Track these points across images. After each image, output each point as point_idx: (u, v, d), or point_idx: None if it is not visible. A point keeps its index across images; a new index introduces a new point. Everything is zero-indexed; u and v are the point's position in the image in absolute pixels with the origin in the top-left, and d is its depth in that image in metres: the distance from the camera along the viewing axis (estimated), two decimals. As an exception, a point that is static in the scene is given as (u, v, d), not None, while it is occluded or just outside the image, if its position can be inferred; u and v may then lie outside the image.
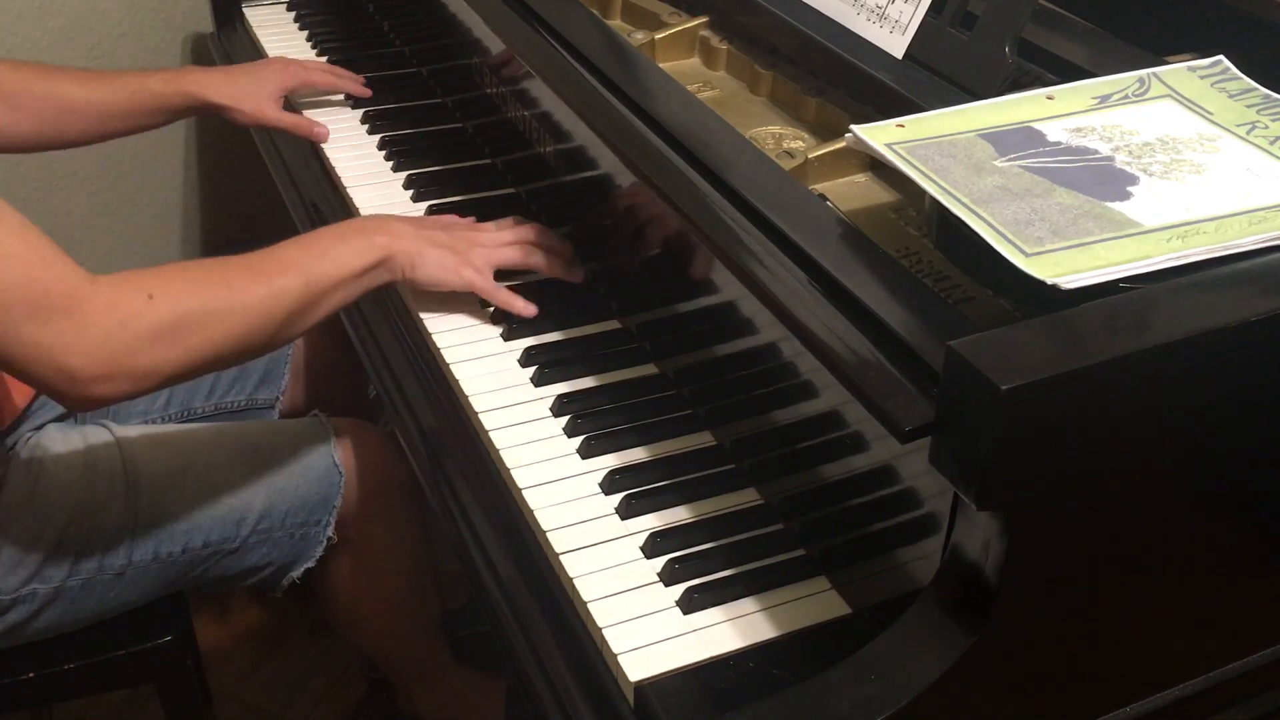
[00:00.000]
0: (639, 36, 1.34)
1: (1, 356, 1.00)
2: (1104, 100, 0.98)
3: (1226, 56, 1.03)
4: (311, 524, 1.37)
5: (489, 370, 1.21)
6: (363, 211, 1.46)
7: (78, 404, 1.05)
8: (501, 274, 1.28)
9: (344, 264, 1.17)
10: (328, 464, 1.38)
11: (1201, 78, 1.01)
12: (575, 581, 0.98)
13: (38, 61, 1.55)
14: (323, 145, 1.58)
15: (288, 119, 1.58)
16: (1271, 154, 0.92)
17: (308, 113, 1.63)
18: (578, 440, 1.12)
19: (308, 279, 1.14)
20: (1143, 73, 1.01)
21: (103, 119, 1.50)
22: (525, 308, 1.24)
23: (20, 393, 1.31)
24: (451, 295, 1.29)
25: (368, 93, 1.66)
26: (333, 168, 1.55)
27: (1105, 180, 0.89)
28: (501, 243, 1.27)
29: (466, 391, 1.18)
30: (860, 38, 1.15)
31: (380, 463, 1.42)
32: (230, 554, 1.33)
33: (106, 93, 1.49)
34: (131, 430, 1.36)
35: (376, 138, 1.60)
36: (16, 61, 1.48)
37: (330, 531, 1.38)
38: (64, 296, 1.00)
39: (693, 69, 1.33)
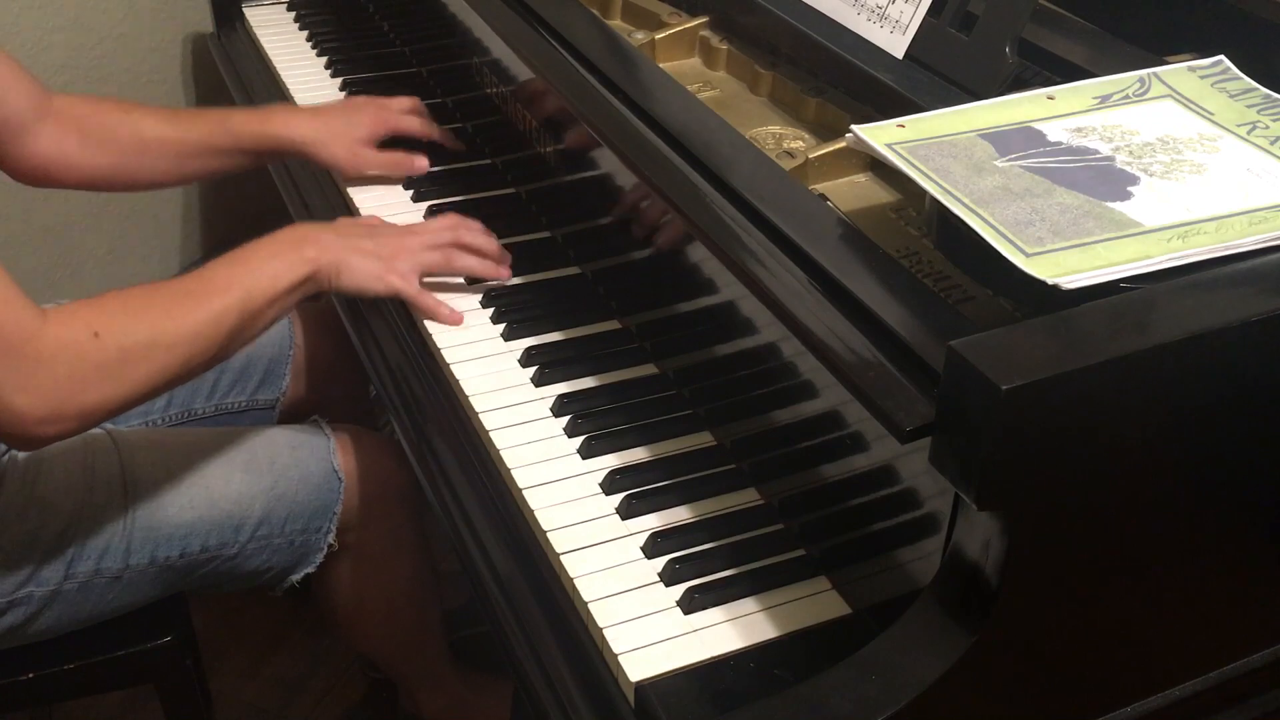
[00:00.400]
0: (639, 36, 1.34)
1: None
2: (1104, 100, 0.98)
3: (1226, 56, 1.03)
4: (312, 531, 1.37)
5: (489, 370, 1.21)
6: (363, 211, 1.46)
7: (21, 444, 1.07)
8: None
9: (276, 279, 1.18)
10: (327, 470, 1.38)
11: (1202, 78, 1.01)
12: (576, 581, 0.98)
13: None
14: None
15: (386, 160, 1.50)
16: (1272, 154, 0.92)
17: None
18: (578, 440, 1.12)
19: (243, 299, 1.15)
20: (1143, 73, 1.01)
21: (181, 158, 1.46)
22: (451, 316, 1.26)
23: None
24: (452, 294, 1.30)
25: (461, 146, 1.56)
26: (336, 178, 1.55)
27: (1106, 180, 0.89)
28: (427, 246, 1.28)
29: (467, 391, 1.18)
30: (860, 38, 1.15)
31: (380, 468, 1.42)
32: (229, 559, 1.33)
33: (184, 130, 1.46)
34: (130, 433, 1.36)
35: (376, 138, 1.59)
36: (97, 97, 1.47)
37: (331, 538, 1.38)
38: (18, 337, 1.00)
39: (693, 69, 1.33)
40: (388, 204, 1.47)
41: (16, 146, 1.36)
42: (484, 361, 1.22)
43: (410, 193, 1.49)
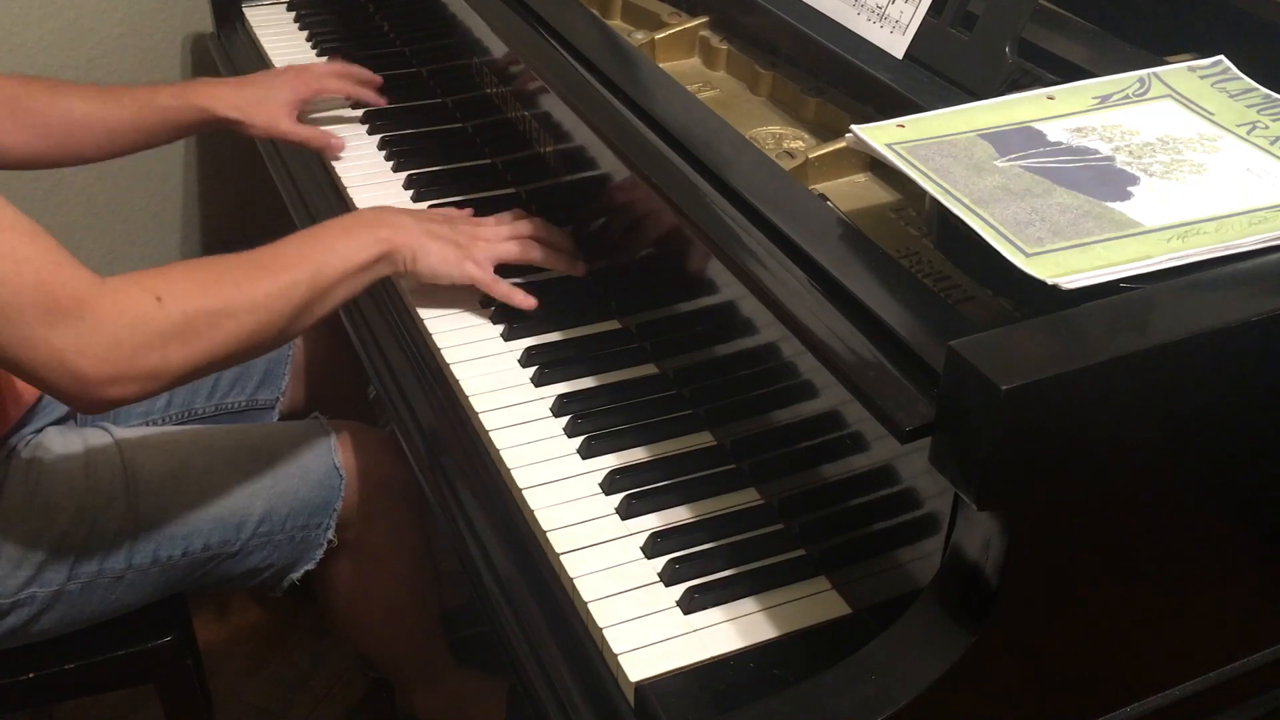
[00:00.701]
0: (639, 36, 1.34)
1: (13, 360, 1.01)
2: (1104, 100, 0.98)
3: (1226, 56, 1.03)
4: (312, 527, 1.37)
5: (489, 370, 1.21)
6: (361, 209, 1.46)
7: (89, 406, 1.06)
8: (505, 269, 1.28)
9: (349, 258, 1.18)
10: (328, 467, 1.38)
11: (1202, 78, 1.01)
12: (575, 581, 0.98)
13: (42, 71, 1.54)
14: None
15: (303, 132, 1.55)
16: (1272, 154, 0.92)
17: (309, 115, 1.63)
18: (578, 440, 1.12)
19: (314, 275, 1.15)
20: (1143, 73, 1.01)
21: (112, 135, 1.48)
22: (525, 300, 1.25)
23: (20, 396, 1.31)
24: (451, 294, 1.29)
25: (381, 101, 1.62)
26: (333, 167, 1.55)
27: (1105, 180, 0.89)
28: (503, 237, 1.28)
29: (467, 391, 1.18)
30: (860, 38, 1.15)
31: (380, 465, 1.42)
32: (230, 557, 1.33)
33: (114, 108, 1.47)
34: (131, 432, 1.36)
35: (376, 138, 1.60)
36: (26, 77, 1.47)
37: (331, 534, 1.38)
38: (74, 300, 1.01)
39: (693, 69, 1.33)
40: (388, 204, 1.47)
41: None
42: (484, 361, 1.22)
43: (410, 193, 1.49)
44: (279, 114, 1.54)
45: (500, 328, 1.26)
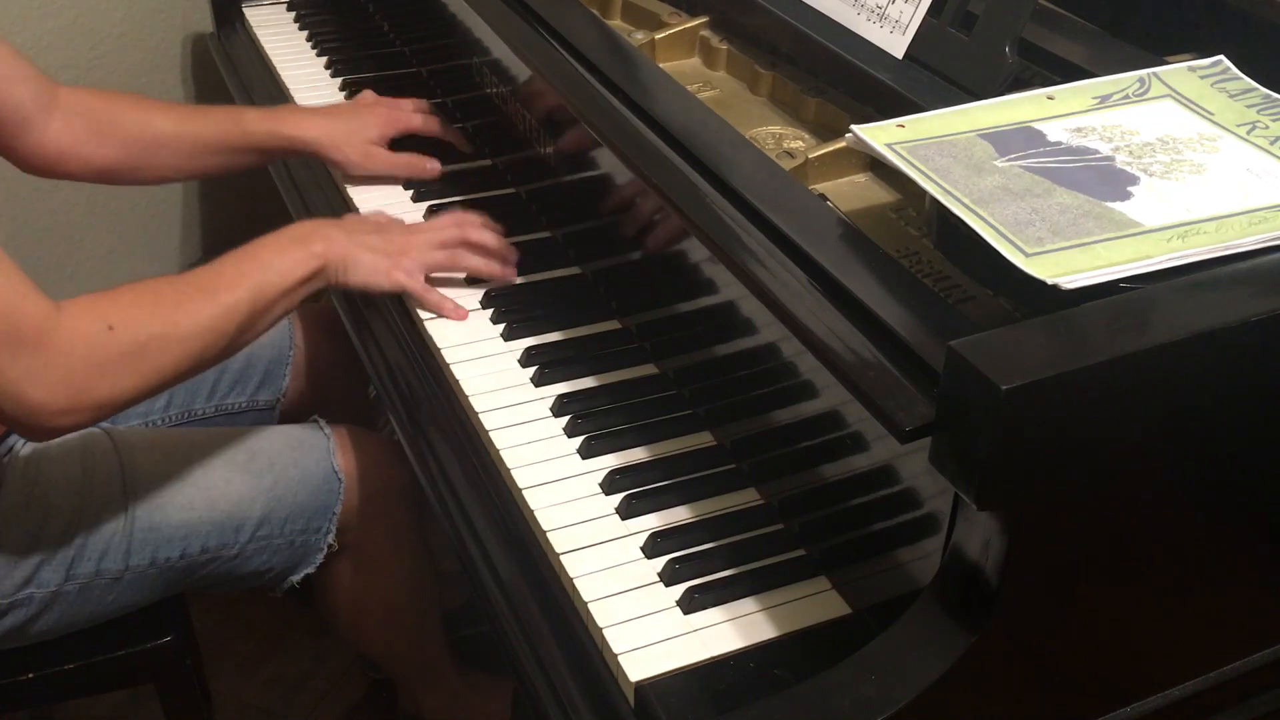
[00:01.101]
0: (639, 36, 1.34)
1: None
2: (1104, 100, 0.98)
3: (1226, 56, 1.03)
4: (312, 531, 1.37)
5: (489, 370, 1.21)
6: (362, 210, 1.46)
7: (36, 435, 1.08)
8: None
9: (286, 275, 1.20)
10: (327, 470, 1.38)
11: (1201, 78, 1.01)
12: (576, 581, 0.98)
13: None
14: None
15: (398, 161, 1.50)
16: (1272, 154, 0.92)
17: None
18: (578, 440, 1.12)
19: (254, 294, 1.17)
20: (1143, 73, 1.01)
21: (193, 155, 1.47)
22: (455, 311, 1.27)
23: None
24: (452, 294, 1.29)
25: (469, 147, 1.56)
26: (338, 175, 1.55)
27: (1105, 180, 0.89)
28: (433, 245, 1.29)
29: (467, 391, 1.18)
30: (860, 38, 1.15)
31: (380, 468, 1.42)
32: (229, 560, 1.33)
33: (197, 127, 1.46)
34: (130, 433, 1.36)
35: (376, 138, 1.59)
36: (109, 91, 1.47)
37: (331, 538, 1.38)
38: (33, 330, 1.01)
39: (693, 69, 1.33)
40: (388, 204, 1.47)
41: (23, 138, 1.37)
42: (484, 361, 1.22)
43: (410, 193, 1.49)
44: (370, 150, 1.50)
45: (500, 328, 1.26)
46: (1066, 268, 0.79)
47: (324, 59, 1.82)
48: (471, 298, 1.30)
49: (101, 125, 1.41)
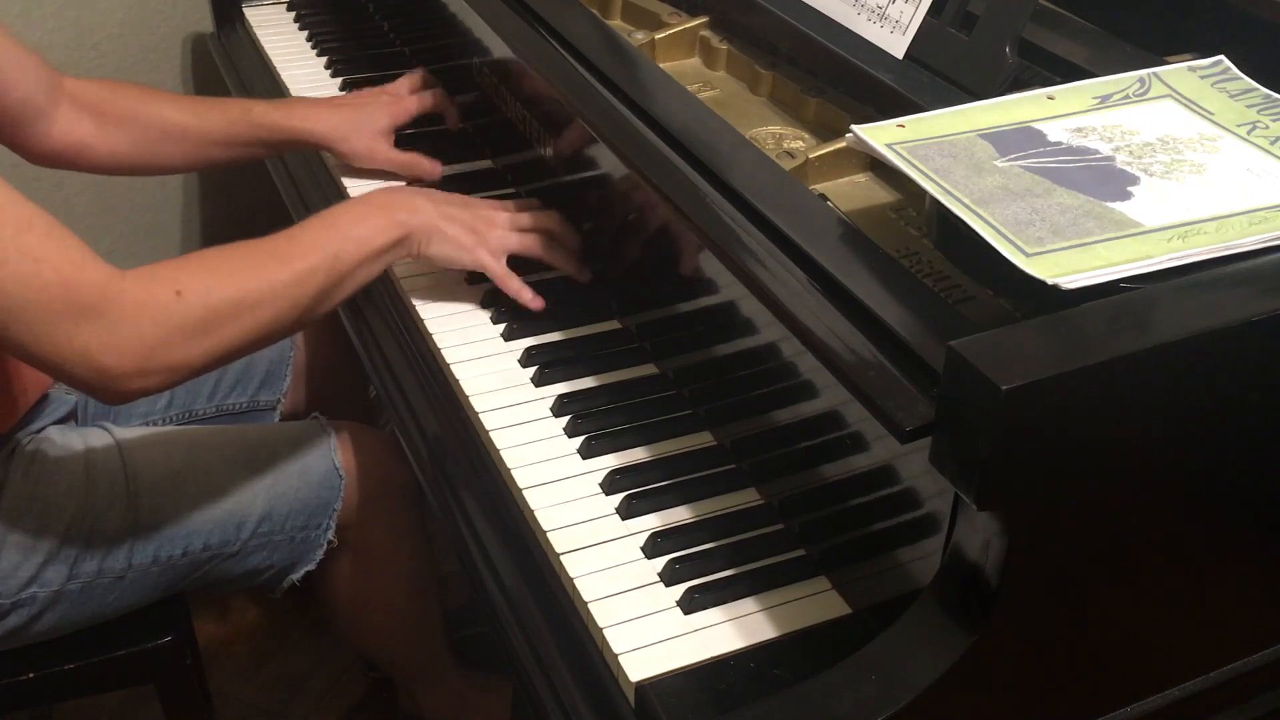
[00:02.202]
0: (639, 36, 1.34)
1: (39, 357, 1.02)
2: (1104, 100, 0.98)
3: (1226, 56, 1.03)
4: (312, 527, 1.37)
5: (489, 370, 1.21)
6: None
7: (114, 399, 1.07)
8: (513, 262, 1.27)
9: (366, 243, 1.18)
10: (328, 467, 1.38)
11: (1202, 78, 1.01)
12: (576, 581, 0.98)
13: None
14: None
15: (402, 159, 1.50)
16: (1272, 154, 0.92)
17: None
18: (578, 440, 1.12)
19: (331, 261, 1.15)
20: (1143, 73, 1.01)
21: (201, 146, 1.47)
22: (533, 300, 1.25)
23: (20, 396, 1.31)
24: (452, 294, 1.29)
25: (456, 122, 1.58)
26: (338, 173, 1.55)
27: (1106, 180, 0.89)
28: (519, 226, 1.27)
29: (467, 392, 1.18)
30: (860, 38, 1.15)
31: (380, 465, 1.42)
32: (230, 557, 1.33)
33: (206, 119, 1.46)
34: (132, 432, 1.36)
35: (377, 138, 1.59)
36: (116, 82, 1.47)
37: (331, 535, 1.38)
38: (96, 297, 1.02)
39: (693, 69, 1.33)
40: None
41: (32, 131, 1.36)
42: (484, 361, 1.22)
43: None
44: (378, 142, 1.50)
45: (500, 328, 1.26)
46: (1067, 268, 0.79)
47: (324, 59, 1.82)
48: (471, 298, 1.30)
49: (109, 117, 1.41)
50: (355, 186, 1.51)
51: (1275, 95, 0.99)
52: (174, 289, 1.05)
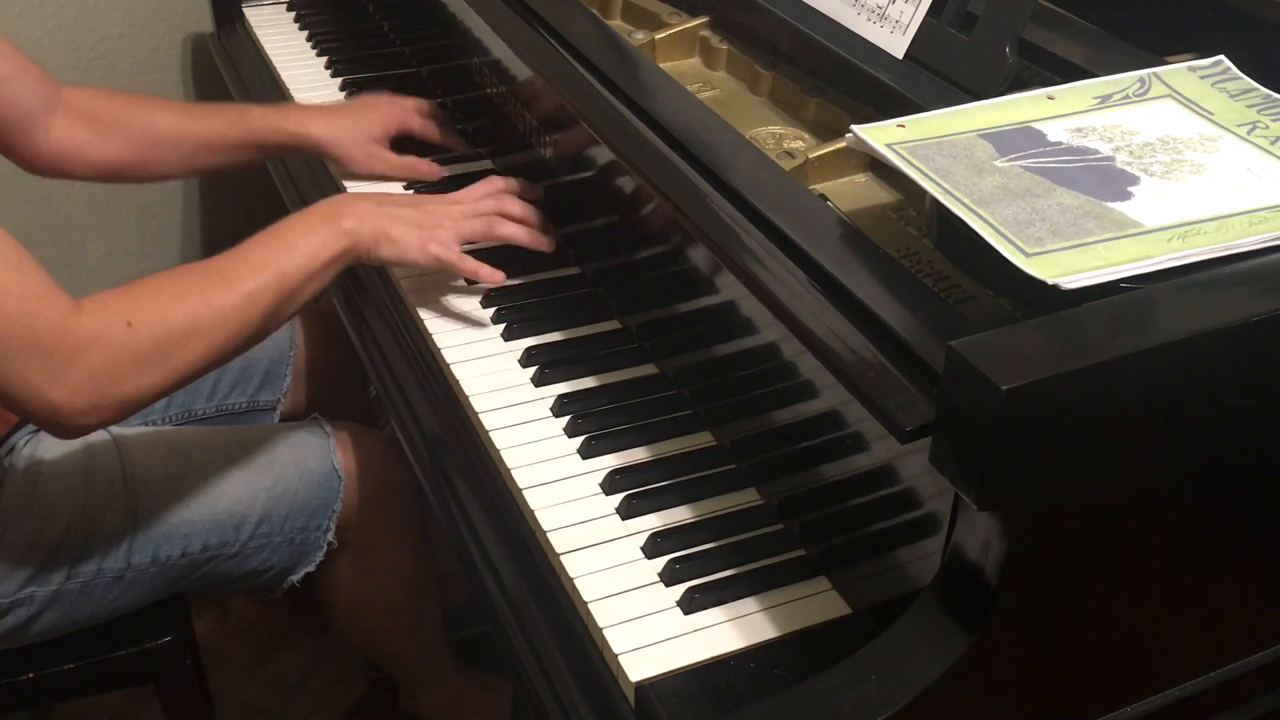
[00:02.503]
0: (639, 36, 1.34)
1: None
2: (1104, 100, 0.98)
3: (1226, 56, 1.03)
4: (311, 529, 1.37)
5: (489, 370, 1.21)
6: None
7: (64, 434, 1.06)
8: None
9: (313, 257, 1.17)
10: (327, 468, 1.38)
11: (1202, 78, 1.01)
12: (576, 582, 0.98)
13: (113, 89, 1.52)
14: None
15: (399, 163, 1.49)
16: (1272, 154, 0.92)
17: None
18: (578, 440, 1.12)
19: (279, 278, 1.14)
20: (1143, 73, 1.01)
21: (196, 151, 1.46)
22: (491, 275, 1.25)
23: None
24: (452, 294, 1.29)
25: (471, 150, 1.55)
26: (337, 175, 1.55)
27: (1106, 180, 0.89)
28: (468, 215, 1.27)
29: (467, 392, 1.18)
30: (860, 38, 1.15)
31: (380, 466, 1.42)
32: (229, 558, 1.33)
33: (200, 125, 1.46)
34: (131, 432, 1.36)
35: (376, 138, 1.59)
36: (111, 89, 1.46)
37: (330, 536, 1.38)
38: (52, 332, 1.00)
39: (693, 69, 1.33)
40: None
41: (27, 138, 1.36)
42: (484, 361, 1.22)
43: (410, 192, 1.49)
44: (373, 149, 1.49)
45: (500, 328, 1.26)
46: (1067, 268, 0.79)
47: (324, 59, 1.82)
48: (472, 298, 1.30)
49: (105, 124, 1.41)
50: (356, 186, 1.51)
51: (1275, 95, 0.99)
52: (124, 320, 1.04)
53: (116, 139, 1.42)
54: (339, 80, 1.76)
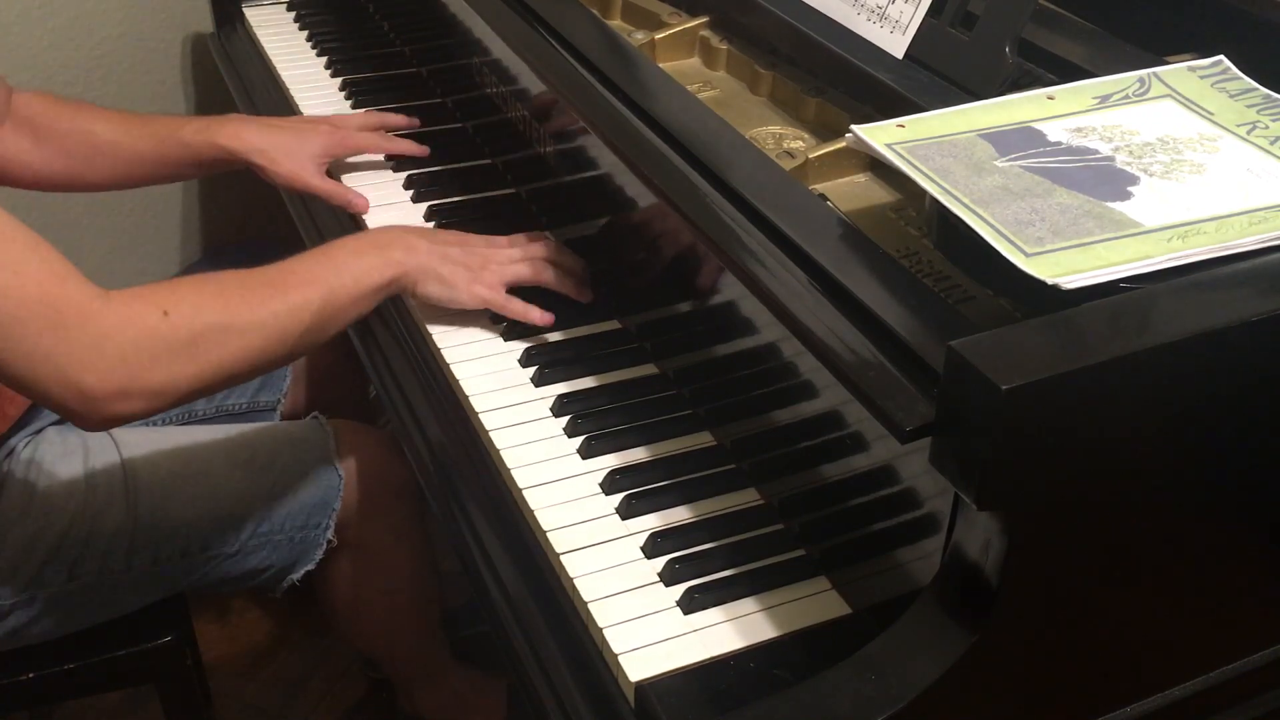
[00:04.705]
0: (639, 36, 1.34)
1: (16, 375, 0.99)
2: (1104, 100, 0.98)
3: (1226, 56, 1.03)
4: (311, 527, 1.37)
5: (489, 370, 1.21)
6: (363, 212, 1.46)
7: (93, 423, 1.03)
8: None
9: (361, 280, 1.17)
10: (327, 467, 1.38)
11: (1201, 78, 1.01)
12: (576, 581, 0.98)
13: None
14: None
15: (326, 186, 1.47)
16: (1272, 154, 0.92)
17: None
18: (578, 440, 1.12)
19: (325, 295, 1.13)
20: (1143, 73, 1.01)
21: (130, 164, 1.45)
22: (542, 317, 1.23)
23: (19, 395, 1.31)
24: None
25: (423, 151, 1.54)
26: (333, 168, 1.55)
27: (1106, 180, 0.89)
28: (514, 259, 1.26)
29: (467, 392, 1.18)
30: (860, 38, 1.15)
31: (380, 465, 1.42)
32: (230, 557, 1.33)
33: (136, 136, 1.44)
34: (131, 433, 1.36)
35: (376, 138, 1.59)
36: (55, 97, 1.45)
37: (330, 534, 1.38)
38: (78, 313, 0.99)
39: (693, 69, 1.33)
40: (388, 204, 1.47)
41: None
42: (484, 361, 1.22)
43: (411, 192, 1.49)
44: (307, 166, 1.47)
45: (500, 328, 1.26)
46: (1067, 268, 0.79)
47: (324, 59, 1.82)
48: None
49: (43, 133, 1.40)
50: (344, 168, 1.52)
51: (1275, 95, 0.99)
52: (160, 309, 1.03)
53: (54, 148, 1.41)
54: (339, 80, 1.76)
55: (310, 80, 1.77)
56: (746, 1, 1.25)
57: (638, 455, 1.10)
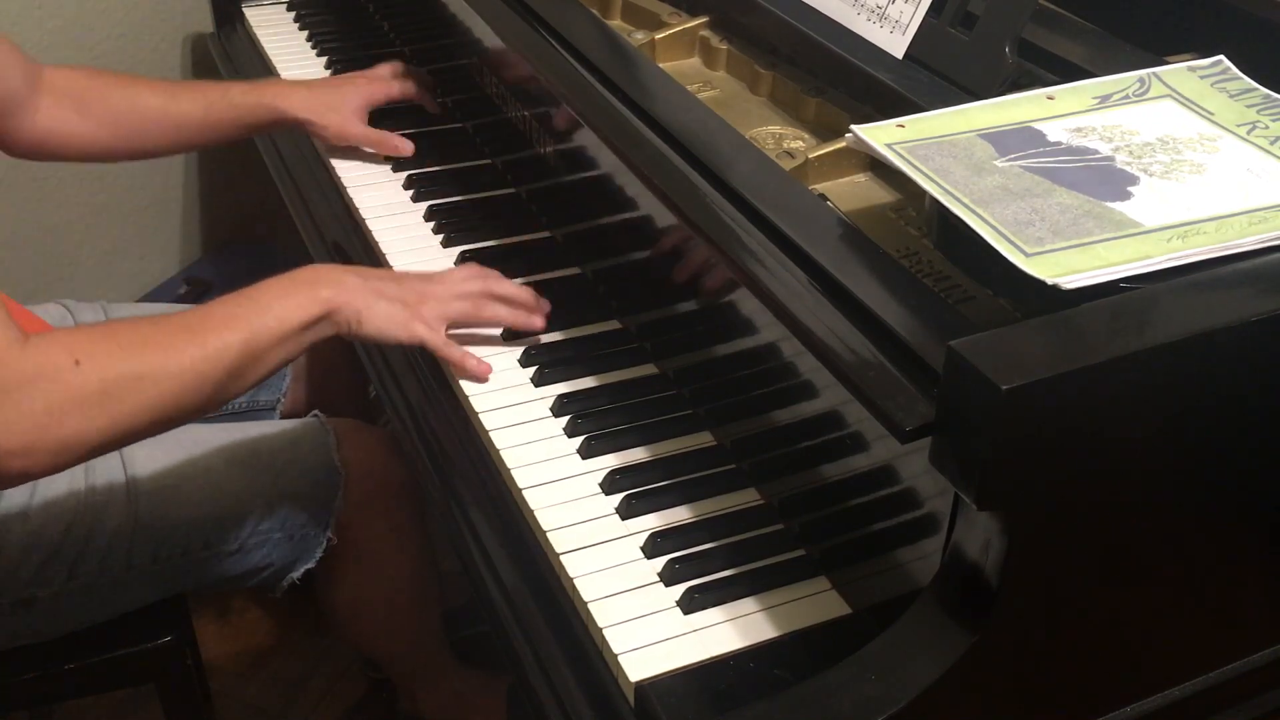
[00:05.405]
0: (639, 36, 1.34)
1: None
2: (1104, 100, 0.98)
3: (1226, 56, 1.03)
4: (311, 525, 1.37)
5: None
6: (363, 212, 1.46)
7: None
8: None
9: (285, 319, 1.11)
10: (328, 465, 1.38)
11: (1201, 78, 1.01)
12: (575, 581, 0.98)
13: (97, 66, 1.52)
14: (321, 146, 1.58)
15: (372, 135, 1.54)
16: (1272, 154, 0.92)
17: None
18: (578, 440, 1.12)
19: (246, 338, 1.08)
20: (1143, 73, 1.01)
21: (180, 130, 1.48)
22: (478, 368, 1.19)
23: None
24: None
25: (436, 109, 1.63)
26: (332, 167, 1.55)
27: (1105, 180, 0.89)
28: (454, 295, 1.21)
29: (466, 391, 1.18)
30: (860, 38, 1.15)
31: (380, 463, 1.42)
32: (230, 555, 1.33)
33: (184, 103, 1.48)
34: (131, 431, 1.35)
35: (377, 138, 1.59)
36: (96, 70, 1.47)
37: (330, 533, 1.38)
38: None
39: (693, 69, 1.33)
40: (388, 204, 1.47)
41: (15, 123, 1.37)
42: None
43: (410, 192, 1.49)
44: (350, 120, 1.53)
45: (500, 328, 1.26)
46: (1066, 268, 0.79)
47: (324, 59, 1.82)
48: (471, 298, 1.30)
49: (88, 104, 1.42)
50: (343, 168, 1.53)
51: (1275, 95, 0.99)
52: (72, 358, 0.97)
53: (100, 119, 1.43)
54: (339, 80, 1.76)
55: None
56: (746, 1, 1.25)
57: (637, 455, 1.10)
